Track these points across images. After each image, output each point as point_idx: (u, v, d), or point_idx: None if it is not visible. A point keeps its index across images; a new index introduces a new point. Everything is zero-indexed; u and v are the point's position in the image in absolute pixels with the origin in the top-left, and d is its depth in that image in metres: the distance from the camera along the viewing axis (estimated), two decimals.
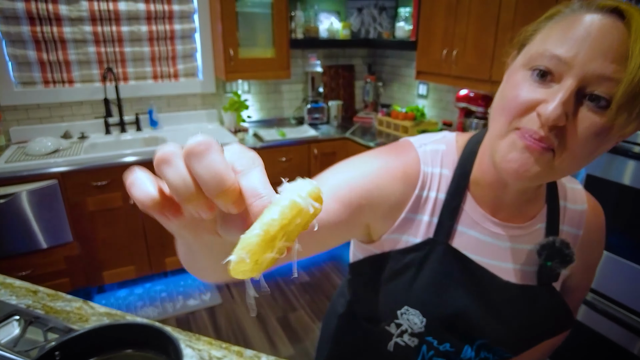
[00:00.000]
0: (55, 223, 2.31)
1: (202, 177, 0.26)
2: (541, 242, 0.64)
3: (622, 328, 1.47)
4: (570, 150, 0.50)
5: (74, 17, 2.53)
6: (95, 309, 1.06)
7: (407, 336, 0.69)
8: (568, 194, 0.70)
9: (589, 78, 0.47)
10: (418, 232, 0.66)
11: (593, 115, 0.48)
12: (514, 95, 0.52)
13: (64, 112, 2.72)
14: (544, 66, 0.49)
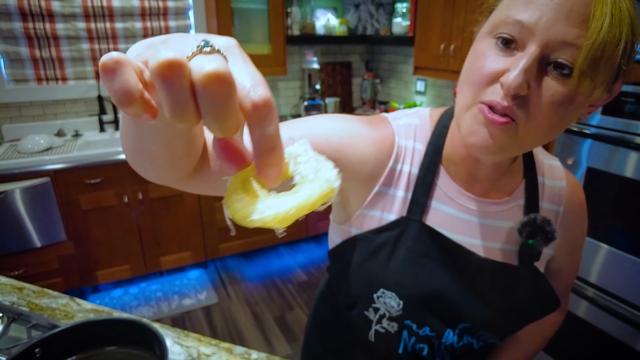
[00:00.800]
0: (48, 222, 2.28)
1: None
2: (522, 220, 0.62)
3: (624, 324, 1.45)
4: (534, 121, 0.48)
5: (67, 13, 2.49)
6: (82, 306, 1.03)
7: (385, 321, 0.67)
8: (546, 171, 0.68)
9: (552, 44, 0.45)
10: (393, 208, 0.63)
11: (556, 83, 0.46)
12: (478, 66, 0.50)
13: (58, 110, 2.69)
14: (507, 33, 0.48)
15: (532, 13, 0.45)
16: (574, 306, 1.61)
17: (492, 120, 0.48)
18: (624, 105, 1.37)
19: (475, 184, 0.64)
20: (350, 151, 0.59)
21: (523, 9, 0.46)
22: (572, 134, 1.52)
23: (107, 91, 0.24)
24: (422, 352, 0.68)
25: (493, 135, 0.49)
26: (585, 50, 0.43)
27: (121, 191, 2.44)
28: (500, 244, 0.64)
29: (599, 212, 1.50)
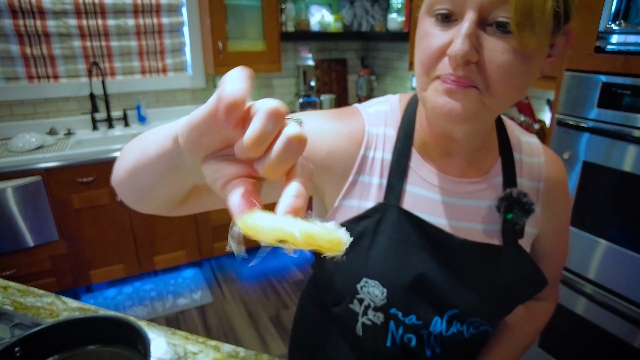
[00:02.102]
0: (40, 221, 2.25)
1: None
2: (499, 196, 0.62)
3: (622, 320, 1.43)
4: (494, 83, 0.48)
5: (58, 10, 2.46)
6: (68, 304, 1.01)
7: (371, 312, 0.65)
8: (523, 147, 0.67)
9: (487, 5, 0.45)
10: (369, 195, 0.62)
11: (502, 42, 0.46)
12: (424, 47, 0.51)
13: (50, 108, 2.66)
14: (443, 8, 0.48)
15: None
16: (571, 303, 1.60)
17: (453, 88, 0.49)
18: (621, 98, 1.35)
19: (451, 164, 0.63)
20: (319, 148, 0.60)
21: None
22: (569, 127, 1.50)
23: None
24: (411, 343, 0.66)
25: (458, 100, 0.49)
26: (513, 2, 0.43)
27: (114, 190, 2.40)
28: (482, 224, 0.63)
29: (597, 207, 1.48)
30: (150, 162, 0.42)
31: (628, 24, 1.32)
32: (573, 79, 1.48)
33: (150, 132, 0.45)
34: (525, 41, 0.45)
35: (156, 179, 0.44)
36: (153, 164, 0.42)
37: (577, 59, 1.46)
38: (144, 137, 0.47)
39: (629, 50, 1.33)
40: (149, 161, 0.42)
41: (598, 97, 1.41)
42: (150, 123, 2.94)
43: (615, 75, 1.36)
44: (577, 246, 1.54)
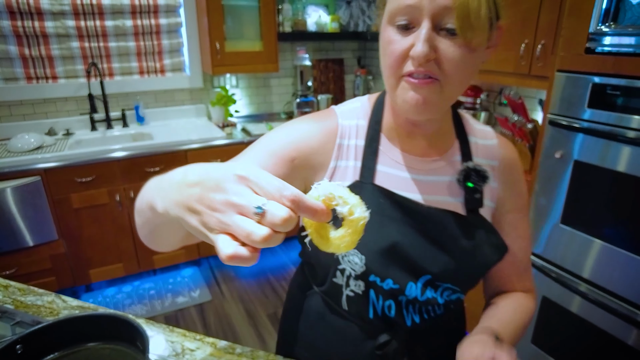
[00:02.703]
0: (40, 221, 2.27)
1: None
2: (458, 170, 0.72)
3: (617, 318, 1.45)
4: (450, 75, 0.59)
5: (56, 11, 2.48)
6: (68, 303, 1.03)
7: (352, 282, 0.71)
8: (477, 132, 0.77)
9: (438, 13, 0.55)
10: (346, 176, 0.72)
11: (452, 42, 0.57)
12: (389, 52, 0.61)
13: (48, 109, 2.68)
14: (403, 19, 0.58)
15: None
16: (566, 301, 1.62)
17: (419, 83, 0.59)
18: (612, 99, 1.38)
19: (415, 146, 0.73)
20: (303, 145, 0.70)
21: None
22: (561, 127, 1.52)
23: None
24: (391, 312, 0.72)
25: (422, 95, 0.60)
26: (456, 11, 0.54)
27: (113, 189, 2.43)
28: (446, 197, 0.73)
29: (590, 207, 1.50)
30: (147, 223, 0.57)
31: (618, 26, 1.34)
32: (564, 80, 1.50)
33: (144, 192, 0.57)
34: (469, 40, 0.56)
35: (157, 234, 0.60)
36: (150, 225, 0.57)
37: (568, 59, 1.48)
38: (143, 195, 0.57)
39: (618, 51, 1.35)
40: (146, 221, 0.57)
41: (589, 98, 1.43)
42: (149, 123, 2.96)
43: (605, 76, 1.38)
44: (572, 245, 1.56)
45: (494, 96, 2.51)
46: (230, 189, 0.37)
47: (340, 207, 0.42)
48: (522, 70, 1.91)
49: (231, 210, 0.37)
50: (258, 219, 0.36)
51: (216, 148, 2.62)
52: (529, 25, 1.85)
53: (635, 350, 1.41)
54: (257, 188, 0.38)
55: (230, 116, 3.08)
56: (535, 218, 1.69)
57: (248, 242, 0.36)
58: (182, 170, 0.44)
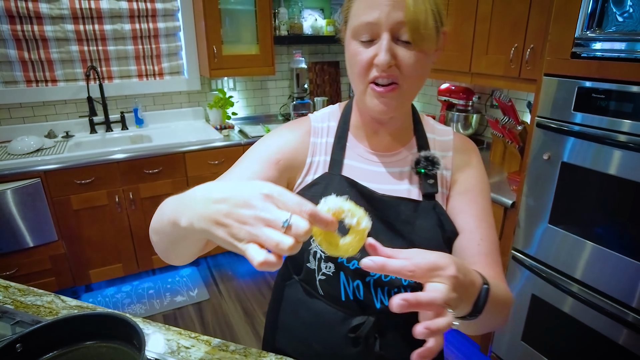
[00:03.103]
0: (40, 222, 2.31)
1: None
2: (412, 160, 0.81)
3: (608, 318, 1.47)
4: (408, 77, 0.69)
5: (55, 15, 2.52)
6: (67, 303, 1.06)
7: (323, 265, 0.78)
8: (437, 131, 0.86)
9: (394, 27, 0.65)
10: (318, 170, 0.81)
11: (408, 50, 0.67)
12: (356, 62, 0.70)
13: (48, 112, 2.71)
14: (365, 35, 0.68)
15: (375, 14, 0.65)
16: (558, 301, 1.64)
17: (383, 91, 0.69)
18: (596, 102, 1.41)
19: (378, 142, 0.83)
20: (286, 148, 0.80)
21: (368, 11, 0.66)
22: (548, 129, 1.56)
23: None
24: (360, 294, 0.77)
25: (387, 99, 0.70)
26: (408, 25, 0.64)
27: (112, 191, 2.47)
28: (404, 185, 0.81)
29: (579, 208, 1.52)
30: (167, 238, 0.64)
31: (602, 31, 1.37)
32: (551, 83, 1.54)
33: (163, 210, 0.64)
34: (421, 47, 0.67)
35: (176, 248, 0.66)
36: (169, 241, 0.64)
37: (554, 64, 1.51)
38: (163, 213, 0.64)
39: (603, 56, 1.38)
40: (166, 237, 0.63)
41: (575, 101, 1.47)
42: (148, 125, 2.99)
43: (590, 80, 1.42)
44: (564, 247, 1.59)
45: (486, 98, 2.54)
46: (258, 205, 0.44)
47: (349, 219, 0.49)
48: (512, 74, 1.94)
49: (260, 223, 0.43)
50: (284, 231, 0.43)
51: (214, 150, 2.66)
52: (519, 30, 1.88)
53: (625, 349, 1.44)
54: (280, 204, 0.45)
55: (228, 118, 3.11)
56: (524, 218, 1.72)
57: (276, 250, 0.43)
58: (203, 187, 0.52)
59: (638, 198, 1.34)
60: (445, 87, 2.60)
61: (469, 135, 2.55)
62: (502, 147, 2.20)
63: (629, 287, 1.41)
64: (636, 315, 1.39)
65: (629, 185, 1.35)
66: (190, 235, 0.57)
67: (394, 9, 0.64)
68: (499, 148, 2.24)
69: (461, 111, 2.51)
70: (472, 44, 2.13)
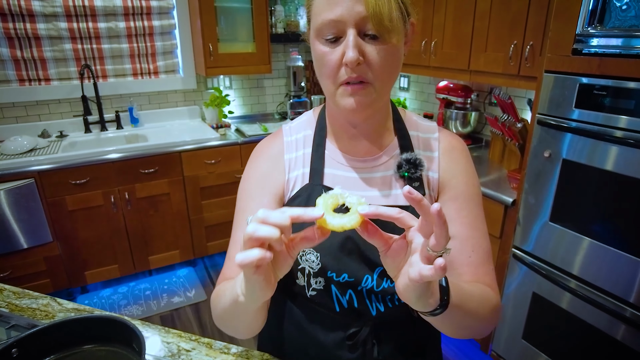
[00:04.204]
0: (34, 223, 2.28)
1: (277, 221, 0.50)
2: (395, 163, 0.77)
3: (605, 314, 1.47)
4: (379, 73, 0.66)
5: (48, 13, 2.48)
6: (63, 305, 1.04)
7: (313, 280, 0.75)
8: (421, 127, 0.82)
9: (359, 22, 0.62)
10: (297, 184, 0.79)
11: (374, 45, 0.64)
12: (324, 62, 0.66)
13: (41, 111, 2.68)
14: (330, 34, 0.64)
15: (337, 10, 0.62)
16: (556, 297, 1.64)
17: (355, 89, 0.66)
18: (598, 99, 1.40)
19: (357, 147, 0.79)
20: (266, 184, 0.80)
21: (329, 9, 0.63)
22: (549, 127, 1.55)
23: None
24: (354, 303, 0.75)
25: (359, 97, 0.66)
26: (371, 19, 0.61)
27: (108, 191, 2.44)
28: (388, 191, 0.77)
29: (579, 205, 1.52)
30: (235, 318, 0.70)
31: (603, 28, 1.37)
32: (552, 80, 1.53)
33: (223, 299, 0.69)
34: (388, 41, 0.63)
35: (243, 317, 0.69)
36: (236, 319, 0.70)
37: (555, 60, 1.50)
38: (219, 302, 0.72)
39: (604, 52, 1.38)
40: (230, 311, 0.67)
41: (576, 98, 1.46)
42: (143, 124, 2.96)
43: (591, 76, 1.41)
44: (565, 244, 1.58)
45: (484, 96, 2.53)
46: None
47: (348, 199, 0.54)
48: (511, 71, 1.93)
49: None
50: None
51: (210, 149, 2.63)
52: (518, 27, 1.87)
53: (623, 345, 1.44)
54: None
55: (224, 117, 3.09)
56: (525, 216, 1.71)
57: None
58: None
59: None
60: (444, 84, 2.59)
61: (467, 133, 2.55)
62: (502, 145, 2.20)
63: (634, 284, 1.40)
64: (638, 312, 1.39)
65: (632, 182, 1.34)
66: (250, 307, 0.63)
67: (357, 2, 0.61)
68: (498, 146, 2.23)
69: (460, 109, 2.50)
70: (470, 41, 2.12)
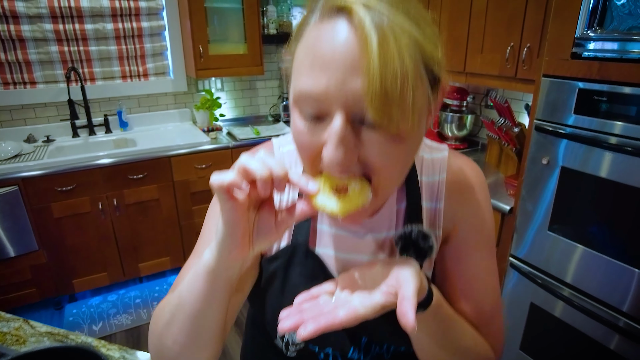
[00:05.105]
0: (19, 231, 2.21)
1: (273, 166, 0.42)
2: (398, 232, 0.59)
3: (599, 323, 1.44)
4: (379, 172, 0.46)
5: (32, 14, 2.41)
6: (36, 329, 0.98)
7: (292, 347, 0.66)
8: (425, 167, 0.63)
9: (351, 103, 0.42)
10: (283, 236, 0.63)
11: (376, 134, 0.43)
12: (299, 143, 0.48)
13: (27, 115, 2.61)
14: (309, 111, 0.45)
15: (321, 81, 0.42)
16: (550, 306, 1.61)
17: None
18: (598, 105, 1.35)
19: None
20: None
21: (312, 76, 0.43)
22: (547, 133, 1.50)
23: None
24: (339, 357, 0.67)
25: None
26: (370, 102, 0.40)
27: (95, 197, 2.37)
28: (384, 255, 0.62)
29: (574, 213, 1.48)
30: (195, 298, 0.51)
31: (604, 30, 1.32)
32: (550, 85, 1.48)
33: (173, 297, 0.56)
34: (396, 130, 0.43)
35: (203, 306, 0.52)
36: (198, 298, 0.51)
37: (554, 64, 1.45)
38: (170, 299, 0.56)
39: (604, 56, 1.33)
40: (193, 298, 0.51)
41: (575, 103, 1.41)
42: (133, 128, 2.90)
43: (591, 81, 1.36)
44: (556, 251, 1.55)
45: (480, 98, 2.48)
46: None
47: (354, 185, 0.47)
48: (508, 73, 1.88)
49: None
50: None
51: (201, 153, 2.57)
52: (515, 28, 1.82)
53: (618, 355, 1.41)
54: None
55: (216, 120, 3.02)
56: (522, 224, 1.67)
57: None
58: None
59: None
60: None
61: (463, 136, 2.49)
62: (498, 149, 2.15)
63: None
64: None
65: (634, 191, 1.30)
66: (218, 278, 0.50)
67: (351, 74, 0.40)
68: (495, 150, 2.18)
69: (455, 112, 2.44)
70: (466, 42, 2.07)
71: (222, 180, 0.42)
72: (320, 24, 0.43)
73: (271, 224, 0.48)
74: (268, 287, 0.65)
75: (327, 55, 0.41)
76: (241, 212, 0.45)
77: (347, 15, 0.41)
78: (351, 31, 0.41)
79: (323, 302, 0.50)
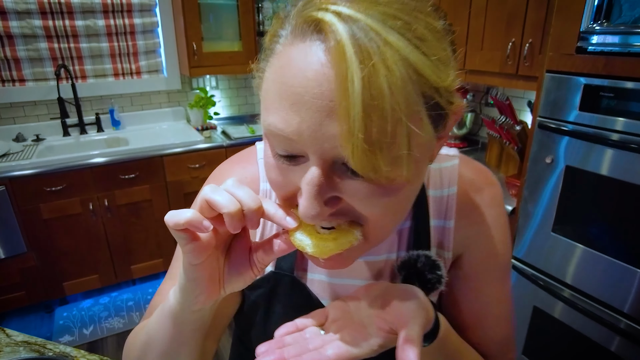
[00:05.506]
0: (6, 233, 2.15)
1: (243, 198, 0.36)
2: (402, 258, 0.51)
3: (599, 325, 1.41)
4: (368, 220, 0.38)
5: (21, 10, 2.34)
6: (12, 338, 0.93)
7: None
8: (432, 179, 0.55)
9: (328, 149, 0.33)
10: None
11: (357, 182, 0.35)
12: (271, 179, 0.41)
13: (16, 114, 2.54)
14: (280, 149, 0.37)
15: (292, 121, 0.34)
16: (550, 307, 1.57)
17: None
18: (600, 101, 1.31)
19: None
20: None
21: (284, 113, 0.34)
22: (550, 130, 1.45)
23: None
24: None
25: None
26: (349, 154, 0.31)
27: (86, 198, 2.31)
28: (387, 281, 0.55)
29: (575, 212, 1.44)
30: (162, 339, 0.47)
31: (610, 24, 1.27)
32: (554, 81, 1.43)
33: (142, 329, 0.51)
34: (386, 181, 0.34)
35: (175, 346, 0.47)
36: (166, 340, 0.47)
37: (557, 59, 1.40)
38: (139, 333, 0.52)
39: (610, 50, 1.28)
40: (161, 339, 0.47)
41: (580, 100, 1.36)
42: (125, 127, 2.83)
43: (596, 77, 1.31)
44: (556, 251, 1.51)
45: (480, 96, 2.43)
46: None
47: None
48: (509, 71, 1.83)
49: None
50: None
51: (194, 153, 2.51)
52: (516, 23, 1.77)
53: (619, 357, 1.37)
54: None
55: (210, 119, 2.97)
56: (525, 226, 1.62)
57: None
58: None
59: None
60: None
61: (463, 135, 2.44)
62: (499, 148, 2.10)
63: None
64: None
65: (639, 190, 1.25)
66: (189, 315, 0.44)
67: (328, 116, 0.32)
68: (495, 149, 2.13)
69: None
70: (465, 38, 2.02)
71: (177, 220, 0.35)
72: (291, 45, 0.35)
73: (245, 261, 0.42)
74: (251, 315, 0.60)
75: (298, 89, 0.33)
76: (206, 254, 0.38)
77: (324, 35, 0.32)
78: (327, 58, 0.31)
79: (309, 335, 0.44)
